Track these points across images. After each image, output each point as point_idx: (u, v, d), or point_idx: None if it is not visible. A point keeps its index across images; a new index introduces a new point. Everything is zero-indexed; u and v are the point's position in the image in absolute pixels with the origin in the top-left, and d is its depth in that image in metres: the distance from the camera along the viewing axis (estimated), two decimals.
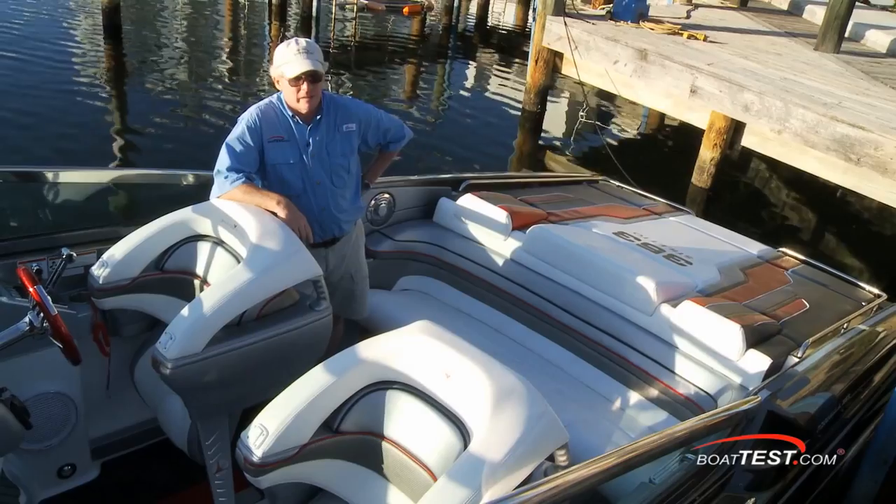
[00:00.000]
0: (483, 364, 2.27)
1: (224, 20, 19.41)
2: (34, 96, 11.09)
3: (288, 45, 3.14)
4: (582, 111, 13.56)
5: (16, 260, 3.05)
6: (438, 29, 20.88)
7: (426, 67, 17.11)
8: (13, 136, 9.59)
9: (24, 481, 2.90)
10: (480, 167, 10.01)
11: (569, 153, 11.99)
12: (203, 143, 10.23)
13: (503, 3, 24.82)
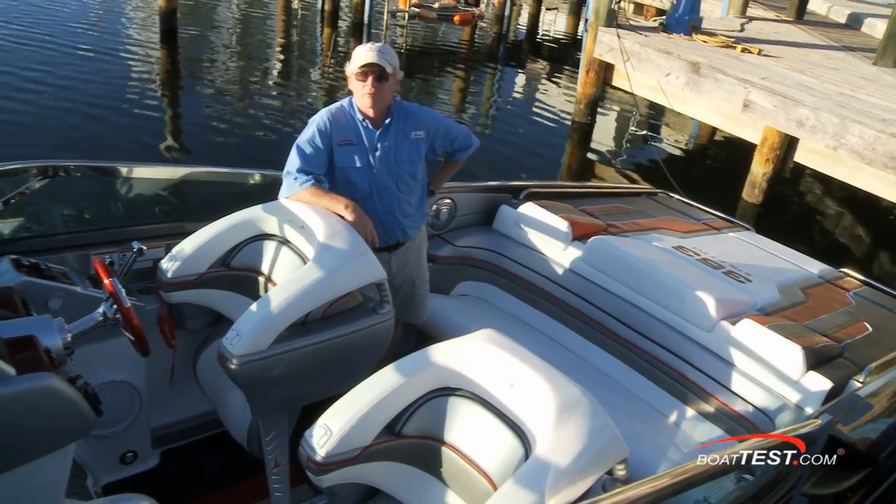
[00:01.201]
0: (547, 374, 2.28)
1: (276, 26, 19.64)
2: (93, 95, 11.41)
3: (364, 45, 3.21)
4: (632, 123, 13.49)
5: (89, 251, 3.16)
6: (489, 38, 20.94)
7: (475, 76, 17.15)
8: (70, 133, 9.87)
9: (90, 465, 2.97)
10: (527, 177, 9.97)
11: (618, 165, 11.91)
12: (254, 146, 10.44)
13: (554, 12, 24.81)
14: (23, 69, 12.06)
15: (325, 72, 15.76)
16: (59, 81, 11.76)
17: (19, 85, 11.34)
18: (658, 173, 10.20)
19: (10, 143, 9.21)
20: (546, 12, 24.23)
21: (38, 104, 10.69)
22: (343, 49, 18.02)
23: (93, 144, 9.53)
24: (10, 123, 9.89)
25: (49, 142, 9.44)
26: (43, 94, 11.07)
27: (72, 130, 9.96)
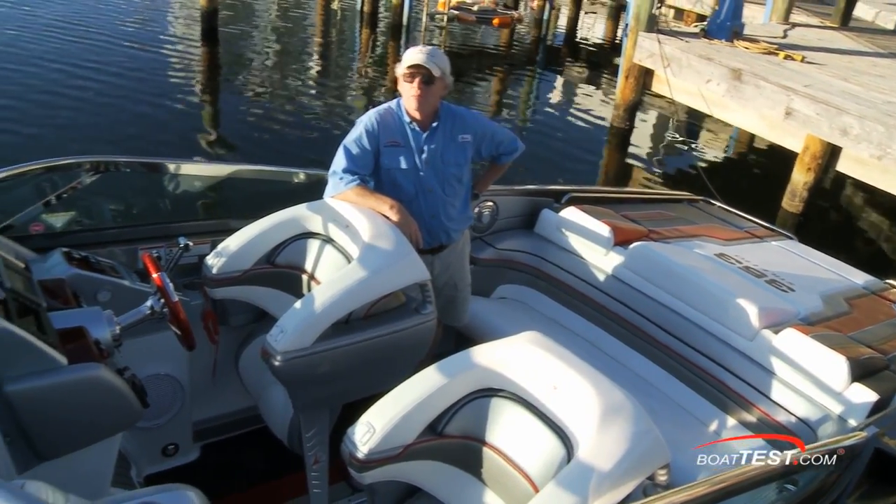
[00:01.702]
0: (591, 378, 2.28)
1: (315, 26, 19.79)
2: (135, 92, 11.61)
3: (414, 47, 3.23)
4: (670, 129, 13.39)
5: (137, 246, 3.22)
6: (527, 41, 20.90)
7: (513, 79, 17.13)
8: (112, 129, 10.05)
9: (133, 456, 3.03)
10: (564, 181, 9.96)
11: (656, 171, 11.83)
12: (292, 145, 10.53)
13: (593, 17, 24.70)
14: (71, 66, 12.32)
15: (363, 73, 15.85)
16: (102, 78, 11.99)
17: (67, 82, 11.58)
18: (696, 180, 10.11)
19: (57, 137, 9.41)
20: (585, 16, 24.12)
21: (82, 100, 10.91)
22: (381, 50, 18.12)
23: (134, 141, 9.69)
24: (57, 118, 10.11)
25: (91, 137, 9.63)
26: (88, 91, 11.29)
27: (114, 126, 10.15)
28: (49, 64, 12.28)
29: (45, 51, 13.02)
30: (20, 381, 2.05)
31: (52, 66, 12.17)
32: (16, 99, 10.57)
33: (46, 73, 11.87)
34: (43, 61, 12.40)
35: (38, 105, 10.48)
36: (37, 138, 9.34)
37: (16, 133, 9.41)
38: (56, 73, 11.92)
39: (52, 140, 9.27)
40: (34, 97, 10.75)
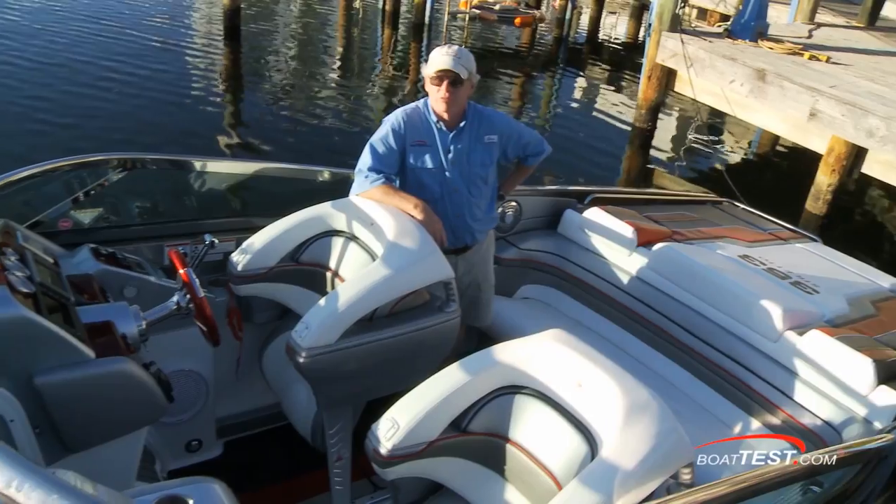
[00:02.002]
0: (616, 376, 2.28)
1: (337, 25, 19.86)
2: (158, 90, 11.71)
3: (440, 48, 3.22)
4: (692, 130, 13.32)
5: (162, 243, 3.25)
6: (549, 40, 20.86)
7: (535, 79, 17.12)
8: (132, 125, 10.14)
9: (157, 451, 3.06)
10: (585, 181, 9.94)
11: (678, 172, 11.76)
12: (312, 144, 10.57)
13: (615, 17, 24.61)
14: (95, 62, 12.46)
15: (384, 71, 15.89)
16: (126, 75, 12.11)
17: (92, 78, 11.72)
18: (719, 181, 10.05)
19: (78, 133, 9.53)
20: (607, 16, 24.04)
21: (103, 98, 11.01)
22: (403, 49, 18.15)
23: (155, 138, 9.77)
24: (79, 114, 10.24)
25: (113, 134, 9.71)
26: (110, 88, 11.41)
27: (136, 123, 10.21)
28: (74, 60, 12.47)
29: (70, 46, 13.21)
30: (50, 373, 2.08)
31: (77, 62, 12.35)
32: (39, 95, 10.72)
33: (72, 68, 12.04)
34: (68, 57, 12.58)
35: (62, 100, 10.65)
36: (59, 134, 9.46)
37: (39, 129, 9.53)
38: (81, 68, 12.08)
39: (73, 136, 9.40)
40: (58, 93, 10.91)
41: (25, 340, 2.05)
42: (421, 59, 16.87)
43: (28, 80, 11.26)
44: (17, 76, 11.41)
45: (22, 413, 2.05)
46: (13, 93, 10.74)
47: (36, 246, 2.63)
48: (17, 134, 9.32)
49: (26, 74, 11.53)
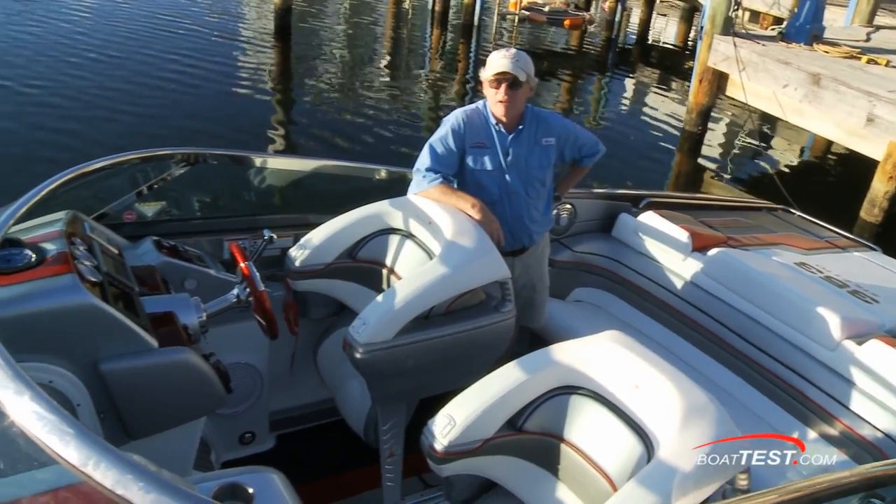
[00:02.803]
0: (673, 378, 2.26)
1: (386, 26, 19.99)
2: (209, 87, 11.99)
3: (499, 51, 3.22)
4: (743, 134, 13.14)
5: (222, 237, 3.31)
6: (598, 43, 20.74)
7: (584, 81, 17.04)
8: (186, 123, 10.37)
9: (212, 442, 3.11)
10: (633, 185, 9.87)
11: (728, 177, 11.62)
12: (360, 142, 10.62)
13: (665, 19, 24.37)
14: (150, 59, 12.77)
15: (433, 73, 15.93)
16: (178, 72, 12.39)
17: (146, 74, 12.01)
18: (770, 187, 9.89)
19: (129, 129, 9.75)
20: (657, 18, 23.82)
21: (156, 94, 11.28)
22: (451, 50, 18.19)
23: (206, 134, 9.98)
24: (130, 110, 10.50)
25: (164, 129, 9.92)
26: (164, 87, 11.66)
27: (188, 119, 10.49)
28: (128, 56, 12.81)
29: (123, 43, 13.54)
30: (115, 360, 2.14)
31: (131, 59, 12.67)
32: (92, 91, 11.04)
33: (123, 64, 12.38)
34: (120, 53, 12.91)
35: (111, 96, 10.95)
36: (109, 130, 9.74)
37: (93, 123, 9.82)
38: (133, 64, 12.40)
39: (123, 132, 9.64)
40: (110, 90, 11.23)
41: (93, 328, 2.10)
42: (469, 60, 16.90)
43: (98, 73, 11.76)
44: (88, 69, 11.92)
45: (88, 398, 2.11)
46: (86, 83, 11.25)
47: (101, 236, 2.69)
48: (85, 123, 9.70)
49: (94, 67, 12.05)
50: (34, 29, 13.94)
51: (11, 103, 10.20)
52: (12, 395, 1.35)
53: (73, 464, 1.24)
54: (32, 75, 11.41)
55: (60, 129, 9.50)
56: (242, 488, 1.54)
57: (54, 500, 1.52)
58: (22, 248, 2.22)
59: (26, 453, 1.46)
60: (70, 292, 2.09)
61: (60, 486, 1.50)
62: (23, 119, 9.70)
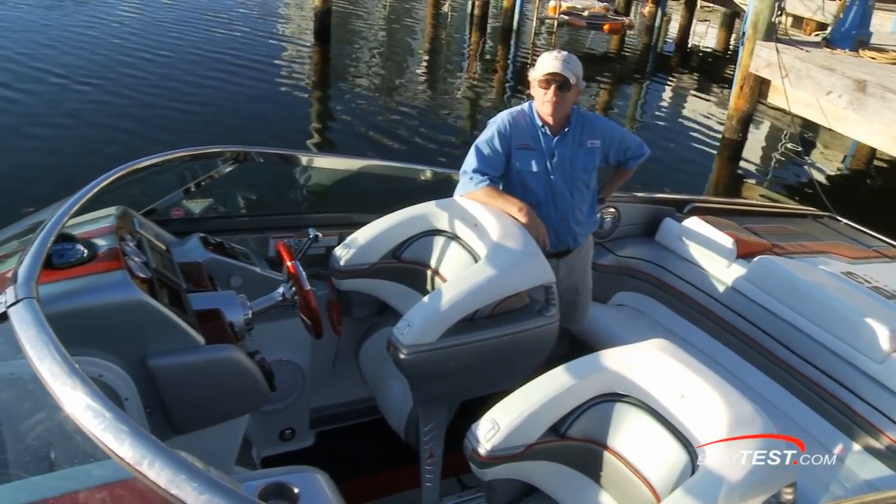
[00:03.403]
0: (721, 389, 2.23)
1: (424, 29, 20.06)
2: (251, 88, 12.11)
3: (549, 52, 3.22)
4: (784, 142, 12.97)
5: (268, 235, 3.33)
6: (637, 48, 20.63)
7: (622, 86, 16.96)
8: (229, 121, 10.53)
9: (253, 438, 3.13)
10: (671, 191, 9.79)
11: (768, 184, 11.47)
12: (397, 143, 10.66)
13: (705, 24, 24.17)
14: (192, 59, 12.98)
15: (471, 76, 15.96)
16: (220, 73, 12.58)
17: (189, 74, 12.23)
18: (811, 195, 9.75)
19: (170, 127, 9.92)
20: (697, 24, 23.63)
21: (197, 94, 11.47)
22: (490, 54, 18.20)
23: (246, 134, 10.08)
24: (173, 108, 10.70)
25: (205, 128, 10.12)
26: (212, 87, 11.83)
27: (227, 119, 10.63)
28: (178, 55, 13.11)
29: (174, 43, 13.80)
30: (163, 356, 2.16)
31: (181, 58, 12.96)
32: (144, 89, 11.27)
33: (173, 63, 12.66)
34: (171, 53, 13.20)
35: (162, 94, 11.20)
36: (160, 126, 9.94)
37: (144, 120, 10.01)
38: (183, 63, 12.68)
39: (172, 128, 9.84)
40: (161, 87, 11.48)
41: (142, 324, 2.13)
42: (508, 64, 16.89)
43: (150, 72, 12.12)
44: (141, 67, 12.29)
45: (136, 393, 2.13)
46: (138, 82, 11.57)
47: (150, 232, 2.72)
48: (136, 121, 9.96)
49: (146, 66, 12.42)
50: (88, 31, 14.36)
51: (69, 101, 10.51)
52: (69, 391, 1.37)
53: (127, 462, 1.25)
54: (88, 74, 11.74)
55: (113, 125, 9.75)
56: (288, 488, 1.54)
57: (109, 495, 1.54)
58: (75, 243, 2.24)
59: (82, 448, 1.48)
60: (120, 288, 2.11)
61: (115, 482, 1.52)
62: (79, 115, 9.99)
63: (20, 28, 14.11)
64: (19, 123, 9.53)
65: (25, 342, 1.50)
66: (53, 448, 1.69)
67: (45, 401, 1.44)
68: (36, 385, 1.43)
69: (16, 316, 1.59)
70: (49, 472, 1.68)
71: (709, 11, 24.86)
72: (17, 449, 1.73)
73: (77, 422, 1.32)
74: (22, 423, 1.77)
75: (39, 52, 12.55)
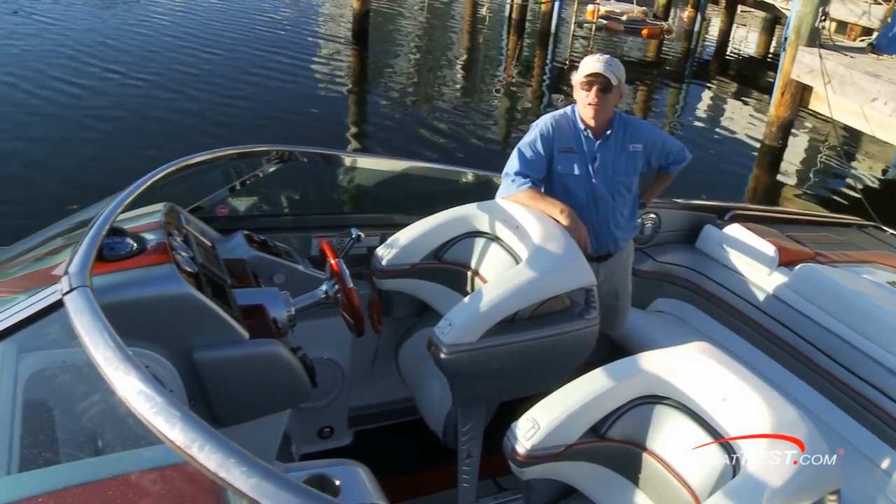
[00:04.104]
0: (763, 393, 2.21)
1: (463, 32, 20.09)
2: (288, 88, 12.28)
3: (592, 55, 3.23)
4: (825, 149, 12.79)
5: (310, 234, 3.37)
6: (676, 53, 20.47)
7: (660, 91, 16.86)
8: (263, 122, 10.66)
9: (293, 434, 3.16)
10: (706, 197, 9.70)
11: (808, 192, 11.32)
12: (433, 145, 10.70)
13: (745, 30, 23.92)
14: (231, 58, 13.14)
15: (509, 79, 15.95)
16: (260, 73, 12.73)
17: (227, 74, 12.37)
18: (853, 203, 9.62)
19: (208, 127, 10.09)
20: (737, 29, 23.39)
21: (235, 94, 11.62)
22: (527, 57, 18.18)
23: (283, 134, 10.22)
24: (212, 107, 10.87)
25: (244, 128, 10.23)
26: (254, 84, 12.01)
27: (267, 119, 10.76)
28: (208, 53, 13.31)
29: (224, 41, 14.06)
30: (208, 349, 2.19)
31: (210, 57, 13.15)
32: (194, 85, 11.60)
33: (201, 64, 12.85)
34: (200, 51, 13.37)
35: (210, 90, 11.50)
36: (209, 120, 10.23)
37: (176, 121, 10.14)
38: (214, 64, 12.85)
39: (202, 129, 9.97)
40: (211, 83, 11.82)
41: (188, 317, 2.16)
42: (545, 68, 16.87)
43: (201, 69, 12.50)
44: (194, 65, 12.70)
45: (181, 384, 2.17)
46: (190, 77, 11.96)
47: (195, 229, 2.76)
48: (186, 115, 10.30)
49: (197, 63, 12.82)
50: (140, 28, 14.74)
51: (119, 96, 10.87)
52: (122, 375, 1.40)
53: (178, 445, 1.27)
54: (139, 70, 12.12)
55: (163, 119, 10.08)
56: (330, 480, 1.56)
57: (161, 478, 1.57)
58: (125, 237, 2.29)
59: (133, 432, 1.51)
60: (168, 281, 2.14)
61: (166, 466, 1.55)
62: (130, 110, 10.32)
63: (76, 26, 14.56)
64: (79, 116, 9.89)
65: (80, 328, 1.53)
66: (105, 432, 1.73)
67: (97, 386, 1.47)
68: (89, 371, 1.46)
69: (71, 303, 1.63)
70: (101, 455, 1.71)
71: (749, 16, 24.59)
72: (72, 431, 1.77)
73: (130, 406, 1.35)
74: (75, 407, 1.82)
75: (95, 50, 13.00)
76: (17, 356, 1.88)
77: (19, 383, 1.80)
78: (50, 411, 1.85)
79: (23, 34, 13.39)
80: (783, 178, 11.60)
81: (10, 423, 1.70)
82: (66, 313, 1.61)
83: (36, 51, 12.49)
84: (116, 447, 1.71)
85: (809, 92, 10.85)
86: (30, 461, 1.66)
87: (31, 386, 1.82)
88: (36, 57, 12.10)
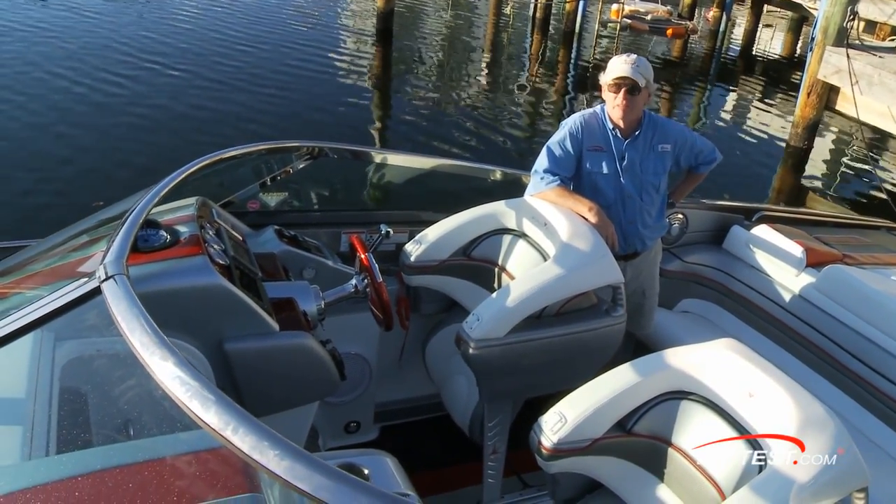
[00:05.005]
0: (790, 389, 2.21)
1: (486, 31, 20.07)
2: (313, 86, 12.37)
3: (619, 56, 3.23)
4: (851, 151, 12.67)
5: (339, 230, 3.40)
6: (701, 53, 20.35)
7: (685, 91, 16.76)
8: (290, 117, 10.75)
9: (320, 428, 3.20)
10: (729, 197, 9.66)
11: (834, 194, 11.22)
12: (457, 143, 10.71)
13: (770, 30, 23.72)
14: (255, 55, 13.26)
15: (532, 78, 15.92)
16: (283, 71, 12.84)
17: (250, 71, 12.48)
18: (880, 205, 9.52)
19: (233, 123, 10.16)
20: (762, 29, 23.20)
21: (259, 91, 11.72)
22: (551, 56, 18.14)
23: (307, 130, 10.28)
24: (235, 104, 10.96)
25: (268, 126, 10.29)
26: (275, 84, 12.09)
27: (289, 116, 10.82)
28: (237, 49, 13.50)
29: (232, 38, 14.17)
30: (239, 340, 2.23)
31: (238, 53, 13.33)
32: (230, 80, 11.78)
33: (229, 61, 12.99)
34: (230, 49, 13.52)
35: (246, 86, 11.66)
36: (239, 115, 10.35)
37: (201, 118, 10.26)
38: (242, 60, 12.99)
39: (223, 126, 10.03)
40: (249, 76, 12.05)
41: (220, 308, 2.19)
42: (569, 67, 16.83)
43: (239, 62, 12.80)
44: (234, 57, 13.03)
45: (211, 374, 2.20)
46: (231, 70, 12.30)
47: (227, 223, 2.80)
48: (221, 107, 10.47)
49: (237, 56, 13.12)
50: (177, 23, 15.00)
51: (162, 88, 11.12)
52: (158, 360, 1.43)
53: (213, 427, 1.30)
54: (182, 62, 12.43)
55: (195, 112, 10.24)
56: (359, 469, 1.58)
57: (196, 461, 1.60)
58: (158, 229, 2.33)
59: (168, 415, 1.55)
60: (201, 273, 2.18)
61: (201, 450, 1.58)
62: (157, 106, 10.43)
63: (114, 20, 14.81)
64: (122, 103, 10.15)
65: (118, 314, 1.57)
66: (140, 417, 1.77)
67: (131, 372, 1.52)
68: (123, 358, 1.49)
69: (109, 291, 1.66)
70: (137, 439, 1.75)
71: (775, 16, 24.39)
72: (107, 416, 1.81)
73: (166, 389, 1.38)
74: (110, 393, 1.86)
75: (134, 42, 13.28)
76: (53, 344, 1.91)
77: (56, 370, 1.84)
78: (85, 397, 1.89)
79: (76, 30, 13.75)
80: (808, 180, 11.51)
81: (47, 409, 1.74)
82: (103, 301, 1.64)
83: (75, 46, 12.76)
84: (150, 431, 1.75)
85: (836, 92, 10.74)
86: (67, 444, 1.69)
87: (67, 373, 1.85)
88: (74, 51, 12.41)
